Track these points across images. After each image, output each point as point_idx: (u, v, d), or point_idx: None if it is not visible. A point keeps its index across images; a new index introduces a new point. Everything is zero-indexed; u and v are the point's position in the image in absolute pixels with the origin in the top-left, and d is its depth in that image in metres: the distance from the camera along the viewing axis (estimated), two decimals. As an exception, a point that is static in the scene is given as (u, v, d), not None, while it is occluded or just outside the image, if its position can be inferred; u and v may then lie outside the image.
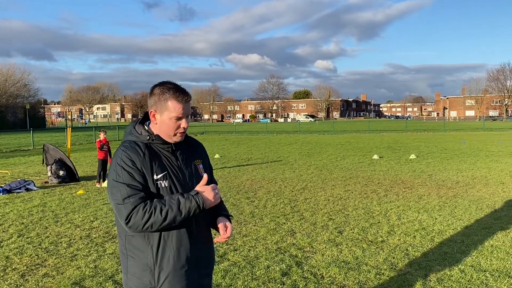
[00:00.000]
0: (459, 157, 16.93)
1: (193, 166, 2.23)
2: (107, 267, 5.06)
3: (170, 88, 2.09)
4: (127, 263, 2.14)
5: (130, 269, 2.13)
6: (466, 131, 40.90)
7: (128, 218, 1.98)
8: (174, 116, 2.08)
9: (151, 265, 2.08)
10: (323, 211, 7.88)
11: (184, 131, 2.15)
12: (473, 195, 9.21)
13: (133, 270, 2.12)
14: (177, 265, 2.09)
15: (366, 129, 45.94)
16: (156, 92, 2.11)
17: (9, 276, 4.82)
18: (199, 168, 2.26)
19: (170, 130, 2.11)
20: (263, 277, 4.72)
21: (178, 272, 2.09)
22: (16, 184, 10.46)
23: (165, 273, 2.08)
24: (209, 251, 2.27)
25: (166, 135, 2.14)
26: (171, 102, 2.08)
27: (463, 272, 4.77)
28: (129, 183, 2.02)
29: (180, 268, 2.10)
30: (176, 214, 1.99)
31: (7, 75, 72.29)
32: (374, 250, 5.58)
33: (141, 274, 2.10)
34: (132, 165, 2.04)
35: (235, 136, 39.58)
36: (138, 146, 2.11)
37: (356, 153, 19.83)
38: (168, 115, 2.08)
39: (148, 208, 1.98)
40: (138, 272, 2.10)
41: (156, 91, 2.11)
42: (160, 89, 2.10)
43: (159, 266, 2.08)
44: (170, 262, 2.08)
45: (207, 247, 2.25)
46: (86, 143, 29.52)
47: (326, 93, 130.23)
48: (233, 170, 14.06)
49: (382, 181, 11.32)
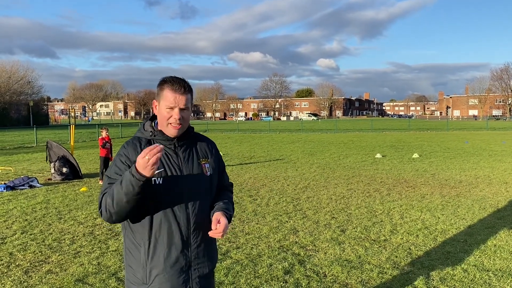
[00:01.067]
0: (462, 157, 16.88)
1: (197, 164, 2.20)
2: (110, 264, 5.08)
3: (168, 79, 2.15)
4: (126, 257, 2.19)
5: (129, 263, 2.17)
6: (470, 130, 40.78)
7: (99, 208, 2.05)
8: (167, 105, 2.11)
9: (143, 261, 2.10)
10: (326, 209, 7.88)
11: (178, 124, 2.10)
12: (476, 194, 9.18)
13: (131, 264, 2.16)
14: (167, 263, 2.09)
15: (369, 128, 45.86)
16: (159, 84, 2.17)
17: (13, 272, 4.84)
18: (204, 167, 2.22)
19: (163, 120, 2.13)
20: (266, 275, 4.72)
21: (169, 271, 2.09)
22: (20, 181, 10.49)
23: (156, 271, 2.09)
24: (207, 253, 2.21)
25: (162, 127, 2.16)
26: (166, 92, 2.12)
27: (466, 272, 4.76)
28: (112, 177, 2.07)
29: (171, 267, 2.09)
30: (119, 188, 1.92)
31: (10, 72, 72.43)
32: (376, 249, 5.57)
33: (137, 270, 2.13)
34: (124, 161, 2.08)
35: (238, 134, 39.58)
36: (139, 142, 2.15)
37: (359, 151, 19.80)
38: (164, 104, 2.12)
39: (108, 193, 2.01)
40: (134, 267, 2.14)
41: (159, 83, 2.18)
42: (161, 80, 2.17)
43: (150, 263, 2.09)
44: (160, 260, 2.08)
45: (204, 249, 2.19)
46: (89, 140, 29.59)
47: (329, 91, 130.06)
48: (235, 168, 14.06)
49: (385, 180, 11.30)
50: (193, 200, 2.13)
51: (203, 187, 2.18)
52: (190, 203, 2.12)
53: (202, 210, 2.16)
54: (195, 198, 2.14)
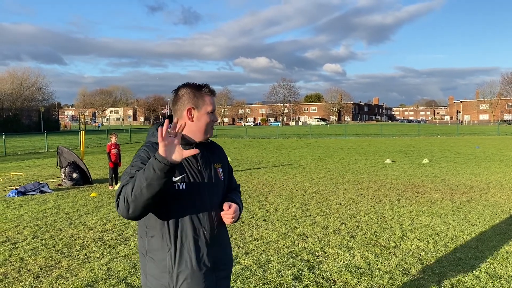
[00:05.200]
0: (473, 162, 16.72)
1: (213, 169, 2.24)
2: (120, 269, 5.10)
3: (204, 85, 2.22)
4: (147, 264, 2.15)
5: (149, 270, 2.14)
6: (480, 135, 40.39)
7: (117, 200, 1.95)
8: (210, 110, 2.19)
9: (170, 267, 2.09)
10: (335, 215, 7.84)
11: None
12: (487, 200, 9.08)
13: (152, 272, 2.13)
14: (195, 267, 2.10)
15: (378, 133, 45.62)
16: (188, 90, 2.17)
17: (24, 277, 4.88)
18: (219, 171, 2.27)
19: (205, 125, 2.18)
20: (275, 281, 4.71)
21: (197, 274, 2.10)
22: (31, 186, 10.60)
23: (183, 275, 2.08)
24: (226, 254, 2.28)
25: (200, 132, 2.17)
26: (206, 97, 2.19)
27: (478, 279, 4.70)
28: (132, 171, 2.01)
29: (199, 270, 2.11)
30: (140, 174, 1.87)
31: (22, 79, 73.44)
32: (386, 255, 5.53)
33: (160, 276, 2.10)
34: (145, 161, 2.06)
35: (246, 139, 39.61)
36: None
37: (368, 157, 19.71)
38: (206, 109, 2.18)
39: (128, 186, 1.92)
40: (157, 273, 2.11)
41: (187, 90, 2.18)
42: (193, 86, 2.19)
43: (177, 268, 2.08)
44: (188, 264, 2.09)
45: (224, 250, 2.26)
46: (99, 146, 29.79)
47: (338, 96, 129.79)
48: (244, 173, 14.07)
49: (394, 185, 11.22)
50: (213, 204, 2.17)
51: (220, 191, 2.24)
52: (211, 207, 2.16)
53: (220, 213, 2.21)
54: (215, 202, 2.19)
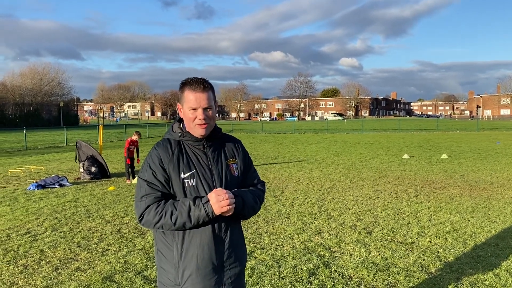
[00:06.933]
0: (493, 158, 16.39)
1: (225, 165, 2.20)
2: (137, 262, 5.15)
3: (186, 80, 2.16)
4: (158, 259, 2.19)
5: (161, 264, 2.18)
6: (501, 130, 39.55)
7: (141, 216, 2.07)
8: (190, 107, 2.11)
9: (176, 262, 2.11)
10: (352, 211, 7.78)
11: (204, 123, 2.11)
12: (508, 196, 8.89)
13: (163, 266, 2.16)
14: (200, 264, 2.09)
15: (396, 128, 45.09)
16: (179, 87, 2.19)
17: (43, 269, 4.97)
18: (232, 167, 2.23)
19: (189, 121, 2.14)
20: (290, 276, 4.70)
21: (202, 271, 2.09)
22: (50, 180, 10.80)
23: (188, 271, 2.09)
24: (238, 252, 2.22)
25: (189, 128, 2.17)
26: (186, 93, 2.13)
27: (498, 277, 4.61)
28: (149, 181, 2.08)
29: (204, 268, 2.10)
30: (186, 220, 2.01)
31: (42, 74, 74.80)
32: (403, 252, 5.46)
33: (169, 270, 2.13)
34: (158, 163, 2.09)
35: (262, 134, 39.60)
36: (170, 144, 2.15)
37: (385, 152, 19.50)
38: (187, 106, 2.13)
39: (160, 210, 2.03)
40: (167, 268, 2.14)
41: (179, 86, 2.19)
42: (180, 83, 2.18)
43: (183, 263, 2.10)
44: (193, 260, 2.09)
45: (236, 248, 2.20)
46: (117, 140, 30.18)
47: (355, 91, 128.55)
48: (260, 168, 14.07)
49: (412, 181, 11.08)
50: None
51: (233, 188, 2.18)
52: None
53: None
54: None
